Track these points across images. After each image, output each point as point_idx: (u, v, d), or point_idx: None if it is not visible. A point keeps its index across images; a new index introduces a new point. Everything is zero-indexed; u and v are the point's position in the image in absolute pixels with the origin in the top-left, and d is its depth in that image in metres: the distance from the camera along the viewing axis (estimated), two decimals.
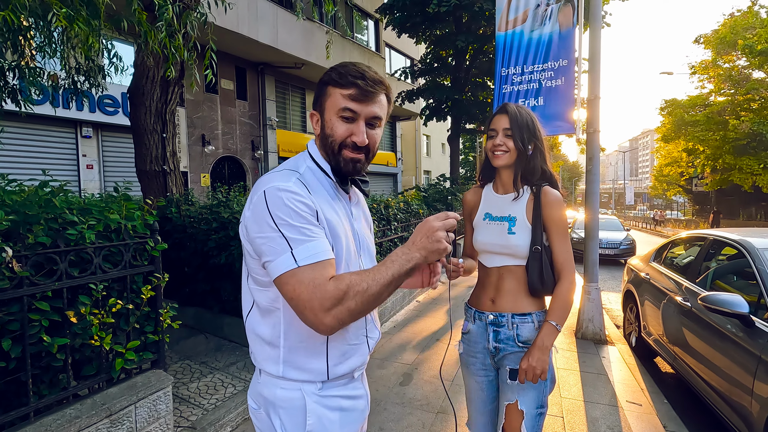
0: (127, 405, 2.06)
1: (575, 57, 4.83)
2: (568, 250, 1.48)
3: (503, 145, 1.49)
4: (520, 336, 1.49)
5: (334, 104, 0.96)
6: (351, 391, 1.03)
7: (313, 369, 0.96)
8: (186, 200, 4.48)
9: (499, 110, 1.54)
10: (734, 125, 20.09)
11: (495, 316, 1.53)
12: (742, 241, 2.95)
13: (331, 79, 0.97)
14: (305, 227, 0.87)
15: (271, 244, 0.86)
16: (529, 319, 1.49)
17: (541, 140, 1.52)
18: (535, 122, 1.52)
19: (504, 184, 1.58)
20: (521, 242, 1.47)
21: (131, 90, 4.34)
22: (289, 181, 0.91)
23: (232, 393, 3.03)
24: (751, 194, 23.30)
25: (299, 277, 0.84)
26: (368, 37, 16.47)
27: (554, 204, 1.47)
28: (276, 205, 0.86)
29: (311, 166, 1.01)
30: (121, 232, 2.20)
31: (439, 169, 25.87)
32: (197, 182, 10.90)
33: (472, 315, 1.61)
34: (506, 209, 1.54)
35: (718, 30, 23.16)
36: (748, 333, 2.36)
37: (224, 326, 4.06)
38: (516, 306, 1.51)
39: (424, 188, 12.02)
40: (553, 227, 1.47)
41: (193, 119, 10.87)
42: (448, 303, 6.05)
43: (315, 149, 1.04)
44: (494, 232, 1.54)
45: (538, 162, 1.52)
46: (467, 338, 1.63)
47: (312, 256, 0.85)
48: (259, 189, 0.90)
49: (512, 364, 1.49)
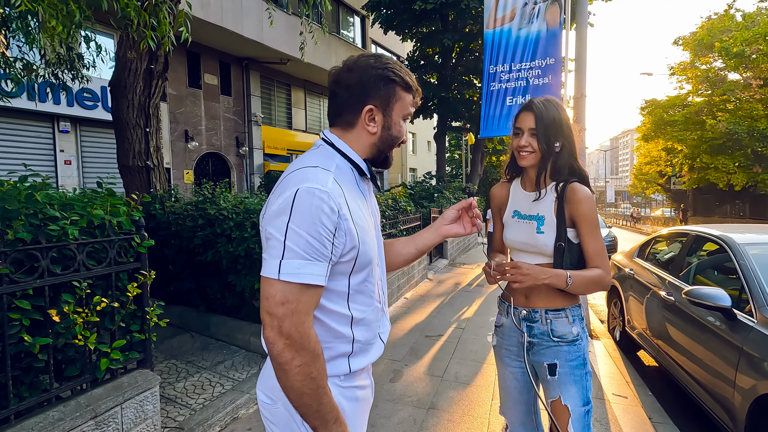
0: (112, 406, 2.00)
1: (562, 56, 4.89)
2: (601, 245, 1.45)
3: (529, 146, 1.46)
4: (554, 331, 1.49)
5: (404, 108, 1.01)
6: (362, 381, 1.05)
7: (338, 365, 0.97)
8: (170, 196, 4.39)
9: (524, 107, 1.49)
10: (711, 125, 20.68)
11: (528, 312, 1.52)
12: (723, 237, 3.03)
13: (402, 82, 0.99)
14: (313, 246, 0.84)
15: (272, 242, 0.85)
16: (562, 314, 1.49)
17: (569, 136, 1.47)
18: (563, 117, 1.46)
19: (532, 181, 1.55)
20: (549, 241, 1.47)
21: (113, 83, 4.22)
22: (327, 182, 0.88)
23: (220, 392, 2.98)
24: (726, 192, 24.02)
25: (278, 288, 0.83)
26: (354, 34, 16.38)
27: (583, 200, 1.43)
28: (300, 212, 0.84)
29: (340, 163, 0.97)
30: (106, 229, 2.13)
31: (424, 167, 25.95)
32: (180, 178, 10.69)
33: (506, 309, 1.61)
34: (534, 207, 1.52)
35: (696, 32, 23.78)
36: (730, 326, 2.43)
37: (211, 325, 3.99)
38: (549, 302, 1.50)
39: (410, 186, 12.04)
40: (583, 223, 1.44)
41: (176, 114, 10.64)
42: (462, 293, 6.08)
43: (345, 145, 1.00)
44: (523, 231, 1.53)
45: (566, 160, 1.47)
46: (501, 331, 1.64)
47: (295, 274, 0.83)
48: (291, 185, 0.87)
49: (549, 359, 1.49)
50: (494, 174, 25.81)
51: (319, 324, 0.94)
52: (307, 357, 0.85)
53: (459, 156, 25.86)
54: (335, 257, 0.89)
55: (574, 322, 1.50)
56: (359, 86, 0.97)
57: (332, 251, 0.88)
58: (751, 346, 2.20)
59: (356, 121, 0.99)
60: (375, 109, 0.98)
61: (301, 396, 0.85)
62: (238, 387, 3.06)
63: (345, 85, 0.98)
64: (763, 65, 19.05)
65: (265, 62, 12.59)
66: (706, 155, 21.83)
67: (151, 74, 4.24)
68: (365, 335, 1.01)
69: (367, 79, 0.97)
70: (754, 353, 2.15)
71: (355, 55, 1.03)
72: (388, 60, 1.00)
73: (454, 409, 2.93)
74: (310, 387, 0.85)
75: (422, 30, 14.06)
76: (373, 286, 1.02)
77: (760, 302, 2.34)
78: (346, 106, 0.99)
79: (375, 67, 0.98)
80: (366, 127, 0.99)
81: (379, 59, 1.00)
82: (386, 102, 0.98)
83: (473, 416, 2.84)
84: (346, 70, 0.99)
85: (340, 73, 0.99)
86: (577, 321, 1.51)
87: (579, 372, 1.47)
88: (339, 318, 0.96)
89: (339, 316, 0.96)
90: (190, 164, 10.99)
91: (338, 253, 0.90)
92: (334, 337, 0.96)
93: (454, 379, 3.42)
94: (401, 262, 1.29)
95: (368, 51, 16.74)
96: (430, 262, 8.52)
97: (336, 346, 0.97)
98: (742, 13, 22.83)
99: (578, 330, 1.50)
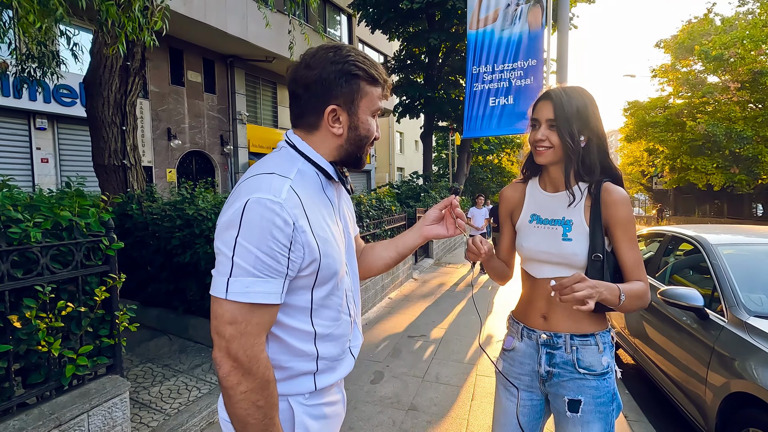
0: (78, 414, 1.94)
1: (544, 57, 4.93)
2: (640, 255, 1.26)
3: (546, 140, 1.24)
4: (581, 361, 1.25)
5: (371, 103, 0.93)
6: (331, 397, 0.99)
7: (301, 383, 0.92)
8: (148, 196, 4.29)
9: (542, 96, 1.28)
10: (691, 127, 21.18)
11: (549, 336, 1.29)
12: (698, 237, 3.09)
13: (366, 75, 0.91)
14: (263, 261, 0.78)
15: (221, 257, 0.80)
16: (591, 341, 1.26)
17: (597, 129, 1.25)
18: (589, 108, 1.24)
19: (554, 181, 1.32)
20: (579, 250, 1.24)
21: (87, 79, 4.11)
22: (280, 191, 0.81)
23: (196, 396, 2.93)
24: (705, 192, 24.65)
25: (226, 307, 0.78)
26: (341, 33, 16.30)
27: (619, 203, 1.23)
28: (249, 223, 0.78)
29: (303, 167, 0.91)
30: (73, 231, 2.07)
31: (412, 166, 26.01)
32: (163, 177, 10.51)
33: (520, 331, 1.37)
34: (559, 211, 1.29)
35: (677, 35, 24.31)
36: (702, 325, 2.47)
37: (189, 327, 3.91)
38: (575, 325, 1.27)
39: (397, 185, 12.04)
40: (619, 230, 1.23)
41: (158, 112, 10.45)
42: (467, 294, 6.08)
43: (309, 148, 0.93)
44: (545, 238, 1.30)
45: (595, 156, 1.25)
46: (511, 356, 1.39)
47: (244, 293, 0.78)
48: (242, 195, 0.81)
49: (572, 394, 1.26)
50: (480, 173, 26.00)
51: (278, 342, 0.89)
52: (254, 383, 0.79)
53: (446, 155, 25.99)
54: (293, 272, 0.83)
55: (604, 351, 1.27)
56: (319, 84, 0.89)
57: (288, 266, 0.82)
58: (721, 345, 2.24)
59: (319, 123, 0.91)
60: (338, 108, 0.90)
61: (245, 426, 0.79)
62: (216, 390, 3.01)
63: (304, 84, 0.90)
64: (740, 68, 19.57)
65: (250, 60, 12.44)
66: (686, 156, 22.35)
67: (127, 71, 4.15)
68: (332, 351, 0.94)
69: (327, 75, 0.88)
70: (725, 352, 2.19)
71: (315, 47, 0.94)
72: (350, 51, 0.91)
73: (434, 411, 2.93)
74: (255, 417, 0.79)
75: (409, 29, 14.08)
76: (341, 300, 0.95)
77: (731, 302, 2.39)
78: (307, 107, 0.91)
79: (335, 62, 0.89)
80: (330, 129, 0.91)
81: (339, 51, 0.90)
82: (350, 99, 0.90)
83: (453, 417, 2.84)
84: (304, 66, 0.90)
85: (297, 70, 0.91)
86: (608, 349, 1.28)
87: (606, 409, 1.25)
88: (300, 335, 0.89)
89: (301, 333, 0.89)
90: (172, 163, 10.80)
91: (296, 268, 0.83)
92: (296, 355, 0.90)
93: (434, 379, 3.42)
94: (382, 267, 1.20)
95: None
96: (415, 261, 8.53)
97: (297, 365, 0.90)
98: (721, 18, 23.41)
99: (608, 360, 1.27)
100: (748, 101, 21.19)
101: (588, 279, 1.09)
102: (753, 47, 19.42)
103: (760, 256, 2.89)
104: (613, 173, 1.29)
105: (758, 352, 2.00)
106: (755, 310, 2.28)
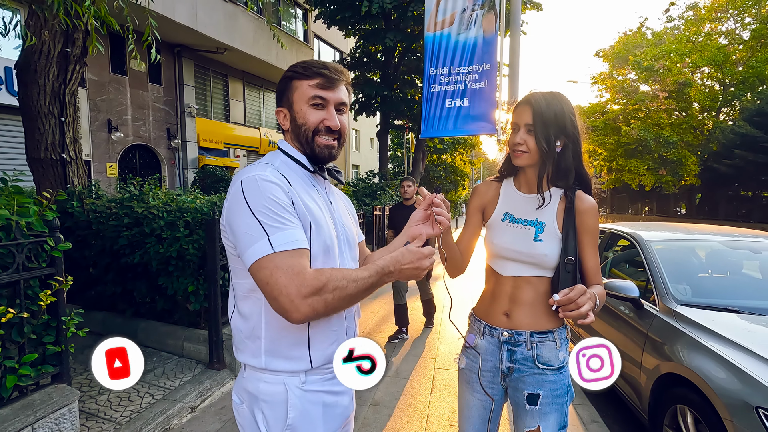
0: (21, 427, 1.80)
1: (497, 61, 5.14)
2: (599, 260, 1.34)
3: (524, 143, 1.27)
4: (540, 357, 1.31)
5: (303, 95, 1.02)
6: (334, 386, 1.03)
7: (295, 357, 0.96)
8: (90, 193, 4.02)
9: (522, 100, 1.30)
10: (625, 131, 22.90)
11: (511, 334, 1.33)
12: (633, 234, 3.38)
13: (296, 73, 1.03)
14: (281, 215, 0.89)
15: (248, 230, 0.88)
16: (550, 338, 1.32)
17: (574, 136, 1.28)
18: (566, 114, 1.27)
19: (529, 182, 1.36)
20: (549, 251, 1.28)
21: (20, 66, 3.77)
22: (265, 170, 0.94)
23: (149, 402, 2.80)
24: (638, 192, 26.74)
25: (277, 262, 0.85)
26: (296, 27, 15.99)
27: (590, 212, 1.30)
28: (252, 194, 0.89)
29: (285, 159, 1.06)
30: (12, 231, 1.91)
31: (368, 164, 26.05)
32: (102, 172, 9.81)
33: (482, 329, 1.40)
34: (532, 212, 1.33)
35: (614, 46, 26.14)
36: (638, 314, 2.72)
37: (138, 331, 3.72)
38: (535, 323, 1.32)
39: (353, 183, 12.03)
40: (588, 236, 1.30)
41: (97, 102, 9.73)
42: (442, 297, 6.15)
43: (287, 144, 1.08)
44: (516, 237, 1.33)
45: (570, 162, 1.29)
46: (473, 353, 1.42)
47: (289, 243, 0.87)
48: (236, 181, 0.94)
49: (530, 389, 1.32)
50: (435, 172, 26.54)
51: (271, 314, 0.93)
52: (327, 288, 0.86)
53: (401, 154, 26.28)
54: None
55: (561, 346, 1.34)
56: (277, 96, 1.09)
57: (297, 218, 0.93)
58: (654, 331, 2.48)
59: (282, 126, 1.09)
60: (283, 108, 1.06)
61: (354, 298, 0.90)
62: (170, 396, 2.89)
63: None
64: (668, 79, 21.40)
65: (199, 50, 11.89)
66: (622, 158, 24.14)
67: (66, 58, 3.85)
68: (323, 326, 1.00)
69: (278, 87, 1.08)
70: (657, 338, 2.43)
71: None
72: (305, 60, 1.07)
73: (395, 404, 3.00)
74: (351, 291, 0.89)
75: (365, 27, 14.07)
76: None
77: (662, 293, 2.65)
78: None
79: (284, 75, 1.07)
80: (283, 127, 1.08)
81: (298, 62, 1.06)
82: (287, 98, 1.05)
83: (413, 410, 2.92)
84: None
85: None
86: (564, 345, 1.35)
87: (562, 400, 1.33)
88: None
89: None
90: (113, 157, 10.12)
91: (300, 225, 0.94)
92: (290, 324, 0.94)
93: (395, 374, 3.50)
94: None
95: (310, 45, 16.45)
96: None
97: (289, 334, 0.95)
98: (652, 32, 25.43)
99: (564, 355, 1.34)
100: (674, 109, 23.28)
101: (587, 290, 1.14)
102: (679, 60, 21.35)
103: (685, 250, 3.21)
104: (585, 180, 1.35)
105: (684, 336, 2.24)
106: (682, 299, 2.55)
